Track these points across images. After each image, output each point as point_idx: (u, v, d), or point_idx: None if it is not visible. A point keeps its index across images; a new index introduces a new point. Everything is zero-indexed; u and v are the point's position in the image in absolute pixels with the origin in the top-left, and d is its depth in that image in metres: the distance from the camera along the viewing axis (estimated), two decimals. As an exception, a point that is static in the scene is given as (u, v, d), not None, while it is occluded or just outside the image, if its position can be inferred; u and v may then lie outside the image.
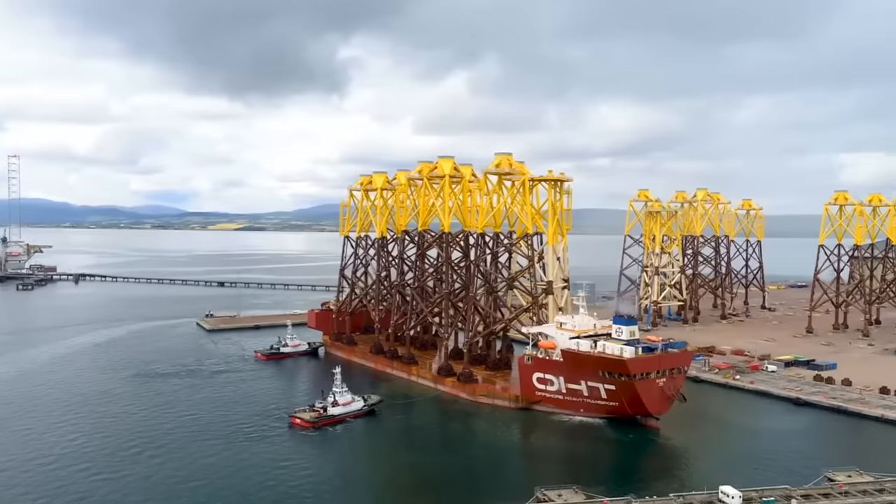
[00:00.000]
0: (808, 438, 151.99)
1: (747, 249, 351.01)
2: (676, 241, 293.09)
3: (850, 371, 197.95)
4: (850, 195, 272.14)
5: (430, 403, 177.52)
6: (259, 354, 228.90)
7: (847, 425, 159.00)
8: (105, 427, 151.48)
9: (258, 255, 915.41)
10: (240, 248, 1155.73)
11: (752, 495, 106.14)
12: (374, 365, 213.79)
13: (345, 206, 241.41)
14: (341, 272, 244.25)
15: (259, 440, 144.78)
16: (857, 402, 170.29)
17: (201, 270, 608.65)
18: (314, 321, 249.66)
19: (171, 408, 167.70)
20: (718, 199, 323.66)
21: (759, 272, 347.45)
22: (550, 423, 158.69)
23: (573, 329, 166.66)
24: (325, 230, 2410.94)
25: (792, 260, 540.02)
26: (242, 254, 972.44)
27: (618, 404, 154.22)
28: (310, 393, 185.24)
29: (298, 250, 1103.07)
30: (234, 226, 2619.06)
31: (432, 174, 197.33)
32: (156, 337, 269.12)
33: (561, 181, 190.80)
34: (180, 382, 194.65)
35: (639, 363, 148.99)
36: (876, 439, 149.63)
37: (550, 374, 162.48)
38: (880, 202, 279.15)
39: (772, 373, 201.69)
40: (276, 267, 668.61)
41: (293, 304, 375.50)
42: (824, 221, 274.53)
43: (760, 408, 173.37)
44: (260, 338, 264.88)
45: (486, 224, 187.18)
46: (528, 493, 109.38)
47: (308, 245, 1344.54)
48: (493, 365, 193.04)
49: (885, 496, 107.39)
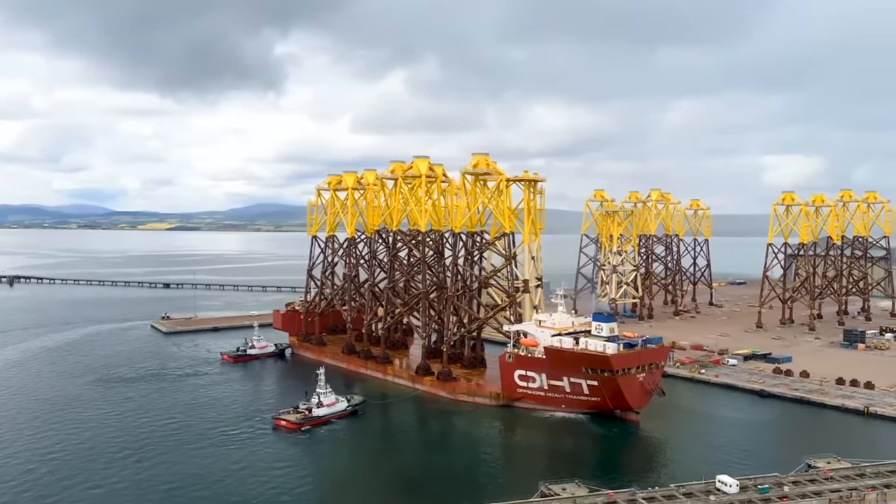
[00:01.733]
0: (780, 428, 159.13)
1: (695, 248, 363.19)
2: (632, 240, 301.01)
3: (803, 364, 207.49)
4: (796, 195, 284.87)
5: (411, 403, 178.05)
6: (225, 356, 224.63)
7: (811, 415, 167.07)
8: (81, 434, 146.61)
9: (198, 256, 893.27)
10: (176, 249, 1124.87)
11: (747, 483, 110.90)
12: (346, 365, 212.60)
13: (312, 205, 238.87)
14: (309, 272, 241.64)
15: (247, 443, 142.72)
16: (818, 392, 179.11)
17: (142, 272, 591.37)
18: (280, 322, 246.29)
19: (146, 413, 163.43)
20: (669, 199, 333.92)
21: (707, 270, 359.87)
22: (534, 420, 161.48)
23: (553, 327, 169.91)
24: (261, 230, 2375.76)
25: (723, 258, 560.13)
26: (180, 254, 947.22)
27: (600, 399, 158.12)
28: (287, 394, 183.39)
29: (239, 251, 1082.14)
30: (165, 225, 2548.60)
31: (407, 174, 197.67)
32: (112, 340, 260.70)
33: (535, 181, 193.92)
34: (149, 386, 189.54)
35: (621, 359, 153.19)
36: (841, 427, 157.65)
37: (532, 372, 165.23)
38: (823, 202, 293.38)
39: (733, 366, 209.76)
40: (220, 268, 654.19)
41: (246, 305, 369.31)
42: (772, 221, 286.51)
43: (728, 400, 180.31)
44: (221, 339, 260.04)
45: (463, 224, 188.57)
46: (529, 488, 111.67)
47: (246, 245, 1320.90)
48: (468, 363, 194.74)
49: (867, 480, 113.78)
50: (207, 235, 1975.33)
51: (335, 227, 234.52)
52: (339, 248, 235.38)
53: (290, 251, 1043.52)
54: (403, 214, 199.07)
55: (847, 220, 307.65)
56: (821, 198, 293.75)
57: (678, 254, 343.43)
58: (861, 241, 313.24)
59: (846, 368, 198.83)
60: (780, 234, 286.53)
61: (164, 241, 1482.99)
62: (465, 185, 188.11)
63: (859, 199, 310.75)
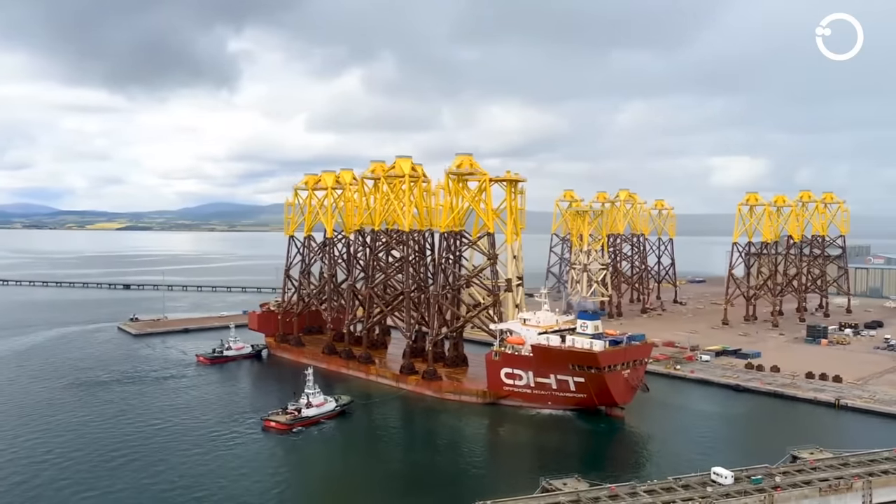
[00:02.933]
0: (758, 421, 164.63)
1: (659, 247, 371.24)
2: (602, 239, 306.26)
3: (771, 359, 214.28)
4: (760, 196, 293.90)
5: (398, 402, 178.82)
6: (201, 358, 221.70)
7: (785, 408, 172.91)
8: (68, 439, 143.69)
9: (154, 257, 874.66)
10: (129, 249, 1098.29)
11: (740, 475, 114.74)
12: (327, 366, 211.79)
13: (290, 205, 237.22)
14: (286, 272, 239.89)
15: (239, 445, 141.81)
16: (790, 386, 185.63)
17: (98, 273, 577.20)
18: (256, 323, 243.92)
19: (130, 416, 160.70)
20: (635, 199, 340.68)
21: (672, 268, 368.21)
22: (522, 417, 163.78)
23: (538, 325, 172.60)
24: (214, 230, 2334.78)
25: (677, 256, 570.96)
26: (135, 255, 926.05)
27: (586, 396, 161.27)
28: (269, 396, 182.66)
29: (196, 251, 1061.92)
30: (114, 225, 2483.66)
31: (390, 173, 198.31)
32: (80, 343, 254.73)
33: (516, 181, 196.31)
34: (127, 390, 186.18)
35: (608, 356, 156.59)
36: (815, 419, 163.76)
37: (519, 370, 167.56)
38: (784, 203, 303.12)
39: (706, 362, 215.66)
40: (180, 268, 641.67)
41: (214, 306, 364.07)
42: (737, 221, 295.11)
43: (706, 395, 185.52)
44: (193, 341, 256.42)
45: (448, 224, 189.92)
46: (528, 484, 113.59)
47: (201, 245, 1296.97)
48: (451, 362, 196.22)
49: (852, 469, 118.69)
50: (160, 235, 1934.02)
51: (312, 226, 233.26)
52: (317, 248, 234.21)
53: (248, 251, 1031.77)
54: (386, 214, 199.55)
55: (806, 220, 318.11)
56: (782, 198, 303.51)
57: (643, 253, 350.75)
58: (819, 240, 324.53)
59: (812, 363, 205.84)
60: (744, 234, 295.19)
61: (115, 241, 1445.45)
62: (449, 185, 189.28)
63: (817, 200, 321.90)
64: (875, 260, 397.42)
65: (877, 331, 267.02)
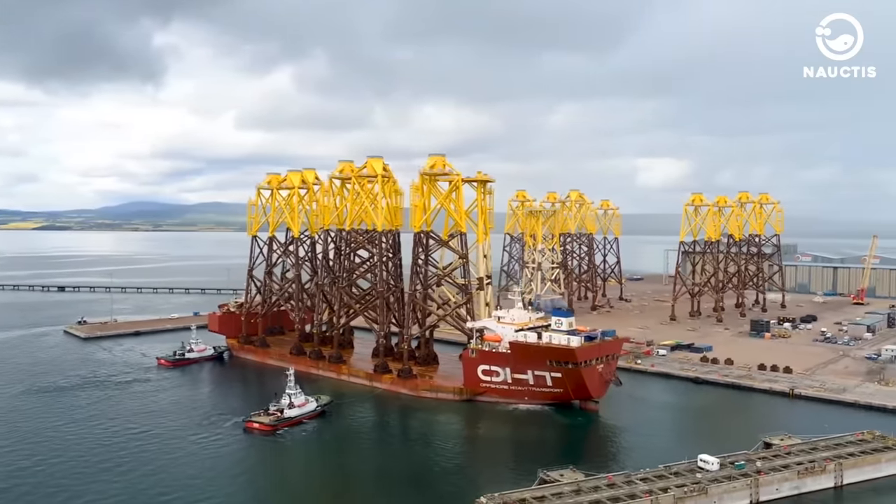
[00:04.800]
0: (723, 411, 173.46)
1: (605, 246, 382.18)
2: (555, 238, 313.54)
3: (721, 352, 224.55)
4: (704, 196, 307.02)
5: (374, 401, 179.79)
6: (162, 361, 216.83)
7: (744, 398, 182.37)
8: (43, 446, 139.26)
9: (80, 258, 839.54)
10: (51, 250, 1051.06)
11: (724, 461, 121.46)
12: (295, 366, 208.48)
13: (253, 205, 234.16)
14: (250, 273, 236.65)
15: (225, 448, 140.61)
16: (746, 378, 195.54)
17: (25, 274, 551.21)
18: (216, 324, 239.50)
19: (102, 421, 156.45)
20: (585, 199, 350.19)
21: (617, 266, 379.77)
22: (501, 413, 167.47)
23: (512, 322, 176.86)
24: (138, 230, 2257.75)
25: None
26: (59, 256, 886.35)
27: (562, 390, 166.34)
28: (244, 397, 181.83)
29: (127, 252, 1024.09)
30: (30, 225, 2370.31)
31: (361, 173, 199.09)
32: (27, 348, 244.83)
33: (486, 182, 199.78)
34: (91, 394, 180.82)
35: (584, 351, 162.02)
36: (773, 408, 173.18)
37: (496, 366, 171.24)
38: (725, 203, 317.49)
39: (663, 357, 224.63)
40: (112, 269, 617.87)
41: (160, 308, 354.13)
42: (683, 220, 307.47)
43: (668, 388, 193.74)
44: (148, 343, 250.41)
45: (421, 223, 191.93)
46: (522, 475, 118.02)
47: (125, 245, 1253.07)
48: (422, 361, 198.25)
49: (822, 453, 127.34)
50: (79, 235, 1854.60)
51: (276, 226, 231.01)
52: (281, 249, 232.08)
53: (180, 251, 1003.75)
54: (357, 214, 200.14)
55: (745, 220, 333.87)
56: (723, 199, 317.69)
57: (591, 252, 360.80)
58: (756, 238, 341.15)
59: (761, 355, 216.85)
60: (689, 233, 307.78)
61: (32, 241, 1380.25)
62: (423, 185, 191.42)
63: (755, 200, 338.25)
64: (803, 258, 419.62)
65: (812, 324, 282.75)
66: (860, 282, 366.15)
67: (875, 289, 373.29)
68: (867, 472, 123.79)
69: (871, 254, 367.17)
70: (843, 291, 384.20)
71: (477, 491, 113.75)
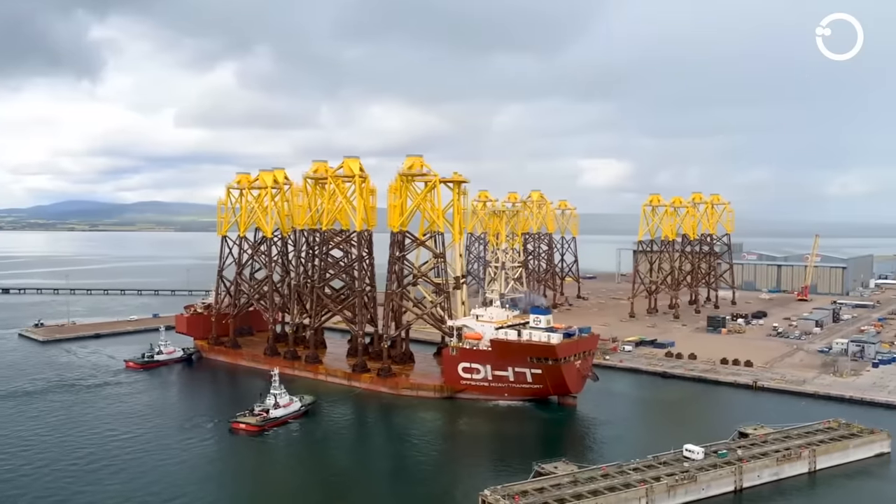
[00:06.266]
0: (694, 403, 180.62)
1: (563, 245, 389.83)
2: (518, 238, 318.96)
3: (681, 347, 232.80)
4: (661, 197, 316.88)
5: (356, 400, 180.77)
6: (131, 364, 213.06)
7: (711, 391, 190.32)
8: (27, 451, 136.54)
9: (18, 259, 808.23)
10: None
11: (707, 450, 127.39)
12: (268, 367, 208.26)
13: (222, 205, 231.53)
14: (220, 274, 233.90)
15: (216, 449, 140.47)
16: (711, 372, 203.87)
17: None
18: (185, 326, 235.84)
19: (82, 426, 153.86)
20: (544, 199, 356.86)
21: (575, 265, 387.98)
22: (483, 409, 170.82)
23: (491, 320, 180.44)
24: (74, 229, 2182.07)
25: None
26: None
27: (542, 386, 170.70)
28: (222, 398, 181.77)
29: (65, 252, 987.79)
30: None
31: (337, 173, 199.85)
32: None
33: (460, 182, 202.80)
34: (63, 399, 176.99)
35: (564, 347, 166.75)
36: (739, 399, 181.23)
37: (477, 364, 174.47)
38: (680, 203, 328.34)
39: (629, 352, 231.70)
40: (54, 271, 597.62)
41: (114, 310, 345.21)
42: (642, 220, 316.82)
43: (638, 382, 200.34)
44: (112, 346, 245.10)
45: (398, 223, 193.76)
46: (518, 468, 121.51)
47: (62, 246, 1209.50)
48: (398, 359, 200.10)
49: (795, 440, 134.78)
50: (11, 236, 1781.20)
51: (247, 227, 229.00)
52: (250, 248, 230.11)
53: (122, 252, 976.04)
54: (333, 214, 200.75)
55: (698, 220, 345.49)
56: (679, 199, 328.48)
57: (550, 250, 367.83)
58: (709, 238, 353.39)
59: (720, 350, 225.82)
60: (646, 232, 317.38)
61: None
62: (402, 186, 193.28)
63: (707, 201, 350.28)
64: (749, 256, 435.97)
65: (763, 320, 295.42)
66: (803, 279, 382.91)
67: (817, 286, 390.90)
68: (837, 458, 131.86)
69: (813, 252, 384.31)
70: (787, 288, 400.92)
71: (475, 485, 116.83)
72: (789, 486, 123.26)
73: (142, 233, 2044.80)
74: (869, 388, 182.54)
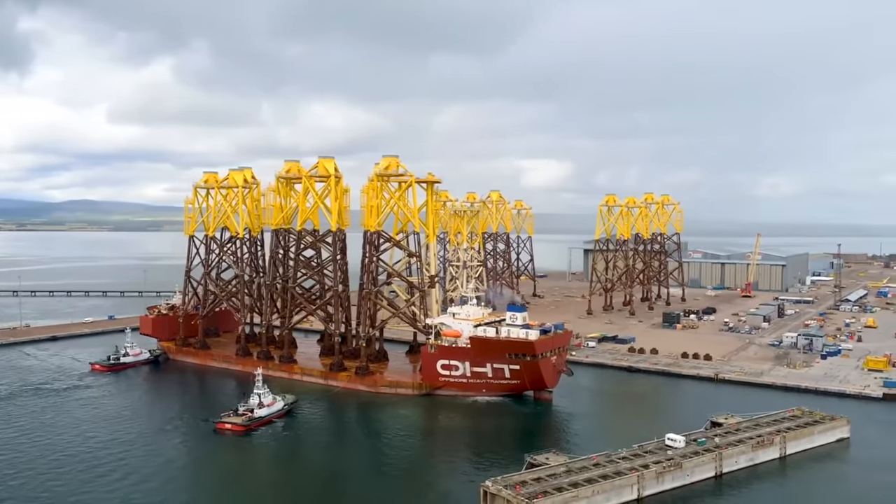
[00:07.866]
0: (662, 395, 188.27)
1: (518, 244, 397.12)
2: (479, 237, 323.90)
3: (640, 342, 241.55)
4: (617, 198, 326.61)
5: (334, 399, 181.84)
6: (96, 366, 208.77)
7: (676, 383, 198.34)
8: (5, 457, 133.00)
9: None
10: None
11: (687, 439, 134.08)
12: (241, 368, 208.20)
13: (189, 204, 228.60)
14: (187, 274, 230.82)
15: (203, 450, 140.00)
16: (674, 365, 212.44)
17: None
18: (150, 327, 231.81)
19: (59, 430, 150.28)
20: (503, 199, 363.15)
21: (531, 264, 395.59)
22: (463, 405, 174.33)
23: (468, 318, 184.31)
24: (1, 229, 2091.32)
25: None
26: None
27: (519, 382, 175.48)
28: (198, 399, 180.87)
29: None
30: None
31: (312, 173, 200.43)
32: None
33: (434, 183, 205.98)
34: (32, 403, 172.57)
35: (541, 343, 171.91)
36: (703, 391, 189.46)
37: (456, 360, 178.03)
38: (634, 203, 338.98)
39: (593, 348, 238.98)
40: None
41: (63, 311, 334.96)
42: (598, 220, 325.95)
43: (606, 376, 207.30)
44: (73, 349, 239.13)
45: (374, 223, 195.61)
46: (510, 459, 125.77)
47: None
48: (373, 358, 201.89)
49: (765, 428, 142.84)
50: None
51: (216, 226, 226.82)
52: (218, 248, 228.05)
53: (59, 252, 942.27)
54: (307, 214, 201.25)
55: (650, 220, 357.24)
56: (632, 200, 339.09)
57: (509, 249, 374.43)
58: (660, 237, 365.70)
59: (678, 344, 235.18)
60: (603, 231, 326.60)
61: None
62: (377, 185, 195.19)
63: (658, 202, 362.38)
64: (694, 254, 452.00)
65: (713, 316, 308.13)
66: (746, 277, 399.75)
67: (758, 283, 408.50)
68: (804, 444, 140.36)
69: (755, 251, 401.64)
70: (731, 285, 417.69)
71: (471, 478, 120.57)
72: (764, 470, 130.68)
73: (73, 232, 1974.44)
74: (822, 379, 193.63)
